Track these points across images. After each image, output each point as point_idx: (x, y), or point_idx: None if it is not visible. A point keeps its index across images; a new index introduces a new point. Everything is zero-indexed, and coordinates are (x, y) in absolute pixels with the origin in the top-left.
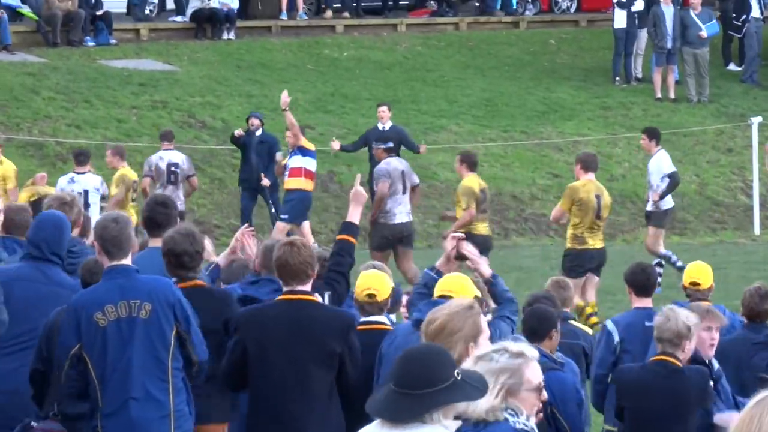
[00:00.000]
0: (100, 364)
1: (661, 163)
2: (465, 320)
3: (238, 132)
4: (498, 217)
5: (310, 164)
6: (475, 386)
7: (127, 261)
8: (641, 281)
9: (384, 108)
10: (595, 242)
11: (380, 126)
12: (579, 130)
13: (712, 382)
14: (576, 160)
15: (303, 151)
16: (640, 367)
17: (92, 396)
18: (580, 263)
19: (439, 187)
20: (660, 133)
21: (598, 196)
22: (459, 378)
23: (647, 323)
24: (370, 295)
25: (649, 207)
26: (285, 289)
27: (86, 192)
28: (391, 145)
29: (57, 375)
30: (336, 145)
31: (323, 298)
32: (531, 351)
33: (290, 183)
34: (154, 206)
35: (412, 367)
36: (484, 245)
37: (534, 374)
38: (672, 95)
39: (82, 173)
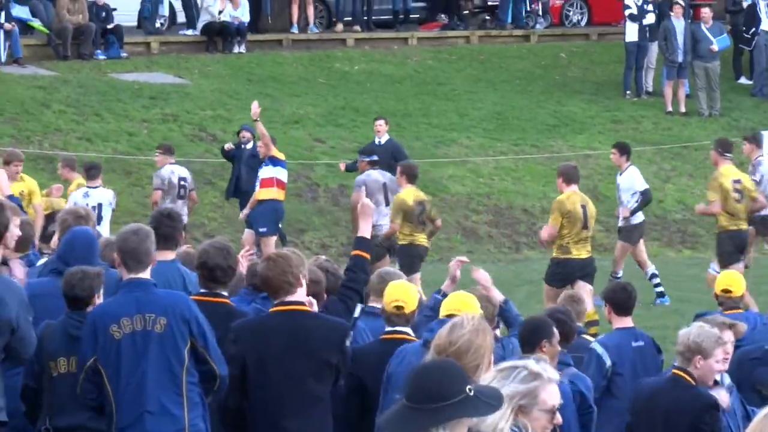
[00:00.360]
0: (115, 377)
1: (633, 180)
2: (486, 334)
3: (228, 146)
4: (509, 230)
5: (282, 174)
6: (488, 402)
7: (146, 274)
8: (622, 300)
9: (381, 122)
10: (579, 252)
11: (376, 140)
12: (590, 143)
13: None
14: (558, 173)
15: (274, 161)
16: (654, 380)
17: (107, 409)
18: (562, 273)
19: (450, 200)
20: (630, 149)
21: (583, 207)
22: (471, 393)
23: (634, 343)
24: (398, 307)
25: (620, 223)
26: (275, 301)
27: (100, 206)
28: (375, 158)
29: (48, 387)
30: (342, 166)
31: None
32: (550, 373)
33: (262, 194)
34: (160, 219)
35: (422, 381)
36: (425, 256)
37: (549, 396)
38: (683, 109)
39: (94, 187)
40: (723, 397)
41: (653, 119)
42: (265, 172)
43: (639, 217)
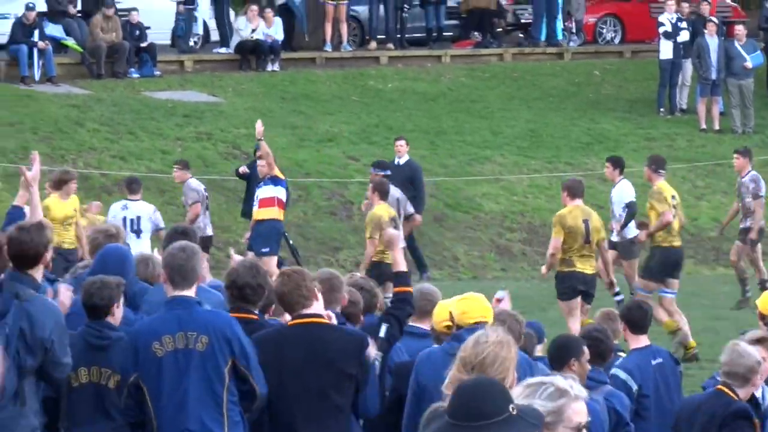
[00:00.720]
0: (156, 394)
1: (622, 193)
2: (511, 346)
3: (242, 169)
4: (543, 248)
5: (282, 194)
6: (530, 421)
7: (191, 292)
8: (637, 318)
9: (401, 142)
10: (584, 267)
11: (396, 160)
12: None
13: (757, 420)
14: (563, 188)
15: (275, 181)
16: (697, 396)
17: (147, 426)
18: (569, 285)
19: (484, 218)
20: (624, 163)
21: (585, 221)
22: (514, 413)
23: (653, 361)
24: (449, 327)
25: (614, 237)
26: (293, 314)
27: (138, 219)
28: (388, 173)
29: (66, 397)
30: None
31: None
32: (577, 390)
33: (263, 213)
34: (174, 235)
35: (467, 399)
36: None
37: (576, 413)
38: (716, 126)
39: (134, 200)
40: None
41: (687, 137)
42: (265, 191)
43: (633, 231)
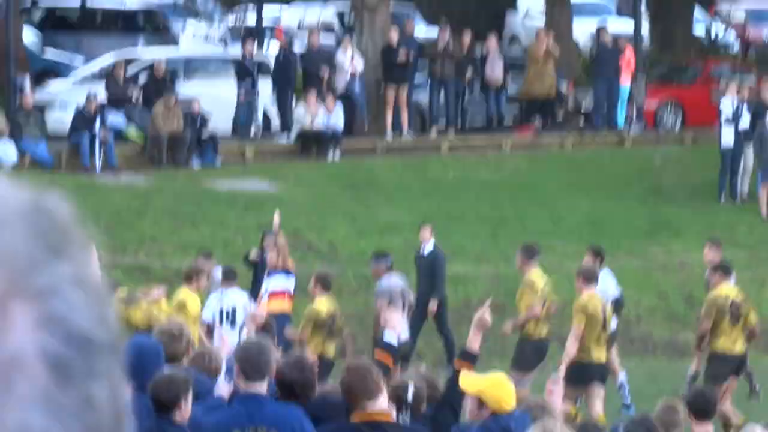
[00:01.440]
0: None
1: (606, 285)
2: None
3: (253, 255)
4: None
5: (292, 286)
6: None
7: (262, 388)
8: (700, 404)
9: (424, 231)
10: (599, 355)
11: (421, 249)
12: (685, 249)
13: None
14: (577, 274)
15: (287, 273)
16: None
17: None
18: (582, 375)
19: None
20: (604, 253)
21: (603, 309)
22: None
23: None
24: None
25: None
26: (357, 408)
27: (234, 309)
28: (389, 263)
29: None
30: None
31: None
32: None
33: (273, 306)
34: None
35: None
36: (329, 370)
37: None
38: None
39: (230, 290)
40: None
41: (748, 224)
42: (277, 283)
43: (613, 324)
